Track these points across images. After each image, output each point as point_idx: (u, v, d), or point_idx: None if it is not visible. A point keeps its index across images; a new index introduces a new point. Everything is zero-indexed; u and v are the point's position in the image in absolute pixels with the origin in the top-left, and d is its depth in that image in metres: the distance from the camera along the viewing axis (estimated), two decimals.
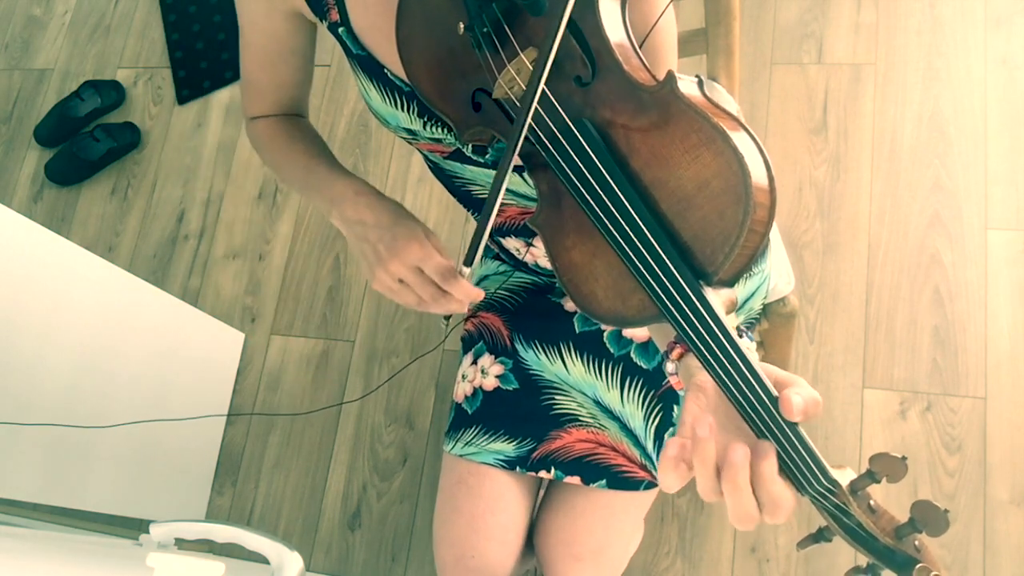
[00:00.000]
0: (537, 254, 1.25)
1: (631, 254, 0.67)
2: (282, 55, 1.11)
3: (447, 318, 1.05)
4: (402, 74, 0.95)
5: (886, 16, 2.18)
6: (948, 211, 1.99)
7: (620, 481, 1.23)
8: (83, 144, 2.54)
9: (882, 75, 2.14)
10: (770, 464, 0.63)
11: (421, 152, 1.15)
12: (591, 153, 0.68)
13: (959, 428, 1.83)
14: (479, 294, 0.99)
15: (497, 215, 1.19)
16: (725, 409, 0.69)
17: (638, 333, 1.26)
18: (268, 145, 1.18)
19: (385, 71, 1.00)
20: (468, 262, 0.90)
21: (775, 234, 1.43)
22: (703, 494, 0.66)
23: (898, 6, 2.18)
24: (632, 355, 1.25)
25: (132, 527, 2.07)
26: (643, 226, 0.65)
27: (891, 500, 0.65)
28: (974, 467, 1.80)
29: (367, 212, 1.01)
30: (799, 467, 0.64)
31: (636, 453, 1.23)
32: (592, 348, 1.26)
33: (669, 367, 0.78)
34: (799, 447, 0.63)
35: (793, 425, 0.63)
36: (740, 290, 1.26)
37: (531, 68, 0.71)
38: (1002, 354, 1.86)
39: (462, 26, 0.76)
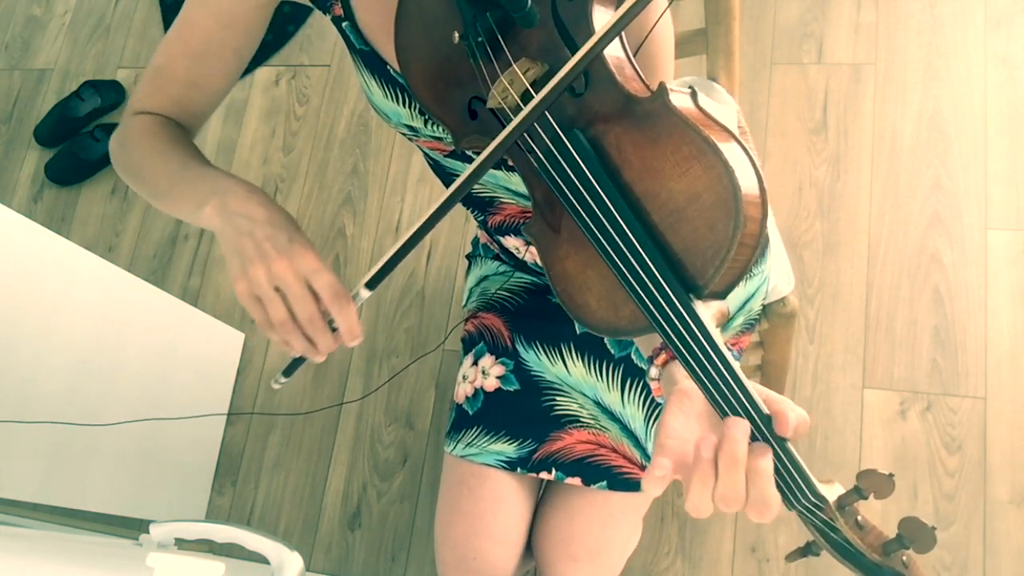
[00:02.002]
0: (536, 253, 1.25)
1: (621, 266, 0.67)
2: (223, 49, 1.03)
3: (290, 370, 0.91)
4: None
5: (886, 16, 2.18)
6: (948, 211, 1.99)
7: (621, 482, 1.23)
8: (83, 144, 2.54)
9: (882, 75, 2.13)
10: (767, 462, 0.63)
11: (421, 150, 1.14)
12: (582, 164, 0.68)
13: (959, 428, 1.83)
14: (359, 335, 0.85)
15: (497, 213, 1.20)
16: (709, 415, 0.69)
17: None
18: (141, 139, 1.03)
19: (388, 67, 0.99)
20: (371, 284, 0.81)
21: (775, 234, 1.43)
22: (696, 498, 0.65)
23: (898, 6, 2.18)
24: (633, 356, 1.25)
25: (132, 527, 2.07)
26: (633, 238, 0.66)
27: (891, 503, 0.65)
28: (974, 467, 1.80)
29: (259, 208, 0.86)
30: (787, 482, 0.64)
31: (636, 454, 1.24)
32: (593, 349, 1.26)
33: (652, 372, 0.78)
34: (787, 462, 0.64)
35: (782, 440, 0.64)
36: (740, 291, 1.26)
37: (524, 80, 0.71)
38: (1002, 354, 1.86)
39: (457, 35, 0.76)
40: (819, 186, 2.07)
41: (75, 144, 2.55)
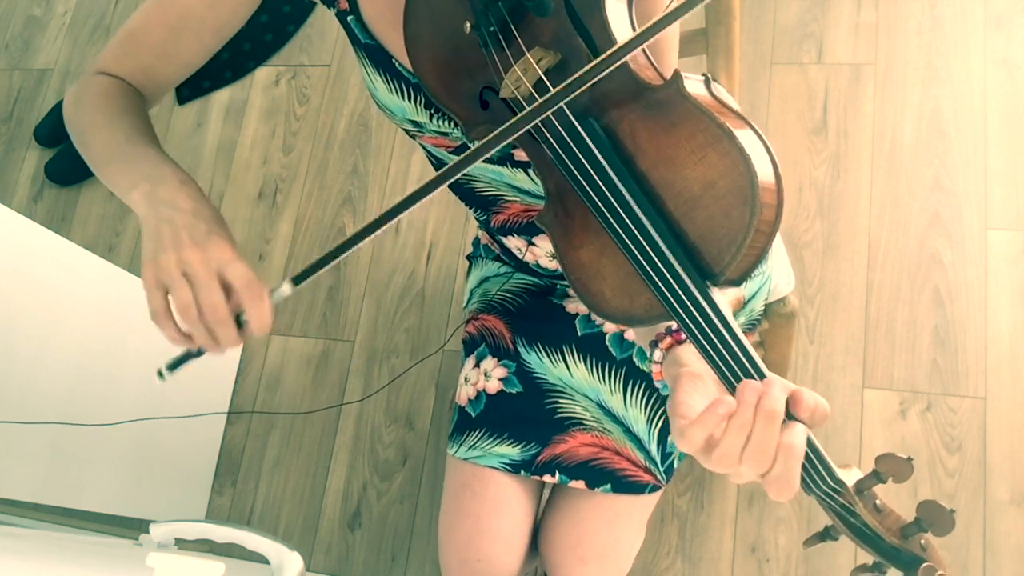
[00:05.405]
0: (538, 253, 1.25)
1: (637, 254, 0.67)
2: (202, 27, 1.00)
3: (176, 364, 0.86)
4: (410, 65, 0.94)
5: (886, 16, 2.18)
6: (948, 211, 1.99)
7: (624, 485, 1.23)
8: None
9: (882, 75, 2.14)
10: (800, 438, 0.63)
11: (424, 147, 1.14)
12: (597, 153, 0.68)
13: (959, 428, 1.83)
14: (269, 326, 0.81)
15: (500, 212, 1.19)
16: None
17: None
18: (97, 102, 1.00)
19: (393, 61, 0.99)
20: (298, 280, 0.79)
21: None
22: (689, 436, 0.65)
23: (898, 6, 2.19)
24: (634, 359, 1.25)
25: (132, 527, 2.07)
26: (649, 226, 0.65)
27: (891, 500, 0.65)
28: (974, 467, 1.80)
29: (187, 199, 0.85)
30: (806, 467, 0.64)
31: (640, 456, 1.23)
32: (595, 351, 1.26)
33: (656, 355, 0.78)
34: (806, 447, 0.63)
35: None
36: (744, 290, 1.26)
37: (537, 69, 0.71)
38: (1002, 354, 1.86)
39: (469, 25, 0.76)
40: (819, 186, 2.08)
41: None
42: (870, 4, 2.20)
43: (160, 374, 0.86)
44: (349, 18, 1.00)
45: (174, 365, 0.85)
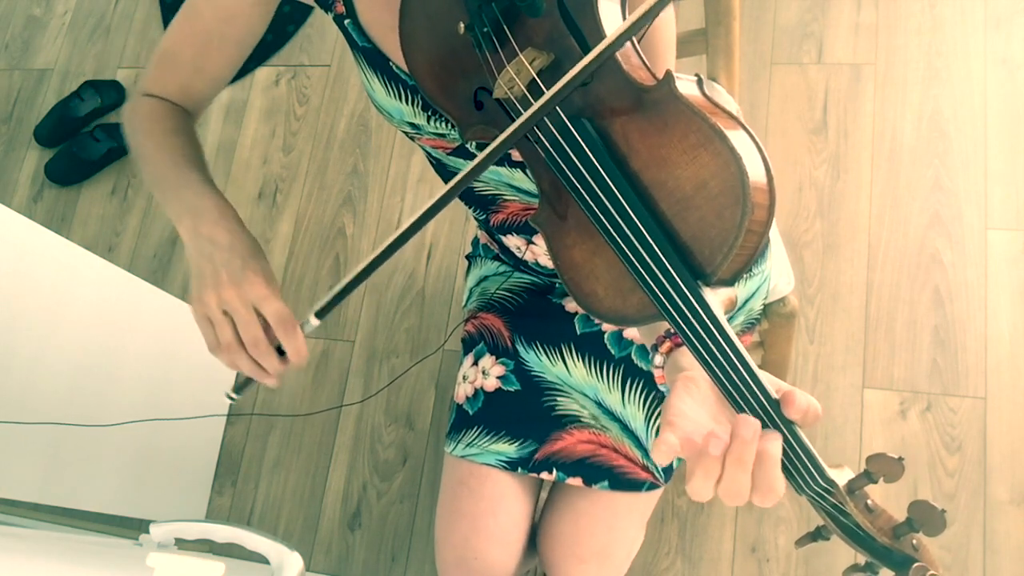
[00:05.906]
0: (538, 252, 1.25)
1: (629, 253, 0.67)
2: (224, 41, 1.05)
3: (241, 388, 0.94)
4: (406, 66, 0.95)
5: (886, 16, 2.18)
6: (948, 211, 1.99)
7: (622, 482, 1.23)
8: (83, 144, 2.54)
9: (882, 75, 2.14)
10: (775, 447, 0.64)
11: (423, 148, 1.14)
12: (589, 153, 0.68)
13: (959, 428, 1.83)
14: (305, 356, 0.90)
15: (499, 211, 1.19)
16: (714, 401, 0.69)
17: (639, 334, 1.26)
18: (145, 125, 1.07)
19: (390, 64, 0.99)
20: (321, 314, 0.84)
21: (775, 234, 1.43)
22: (698, 488, 0.65)
23: (898, 6, 2.18)
24: (633, 356, 1.25)
25: (132, 527, 2.07)
26: (641, 226, 0.66)
27: (891, 501, 0.65)
28: (974, 467, 1.80)
29: (224, 234, 0.92)
30: (797, 467, 0.64)
31: (638, 454, 1.23)
32: (593, 350, 1.26)
33: (656, 360, 0.78)
34: (796, 447, 0.64)
35: (791, 424, 0.64)
36: (740, 290, 1.26)
37: (531, 70, 0.71)
38: (1002, 354, 1.86)
39: (463, 26, 0.76)
40: (819, 186, 2.07)
41: (75, 144, 2.55)
42: (870, 4, 2.20)
43: (230, 398, 0.94)
44: (346, 22, 1.01)
45: (239, 388, 0.93)
